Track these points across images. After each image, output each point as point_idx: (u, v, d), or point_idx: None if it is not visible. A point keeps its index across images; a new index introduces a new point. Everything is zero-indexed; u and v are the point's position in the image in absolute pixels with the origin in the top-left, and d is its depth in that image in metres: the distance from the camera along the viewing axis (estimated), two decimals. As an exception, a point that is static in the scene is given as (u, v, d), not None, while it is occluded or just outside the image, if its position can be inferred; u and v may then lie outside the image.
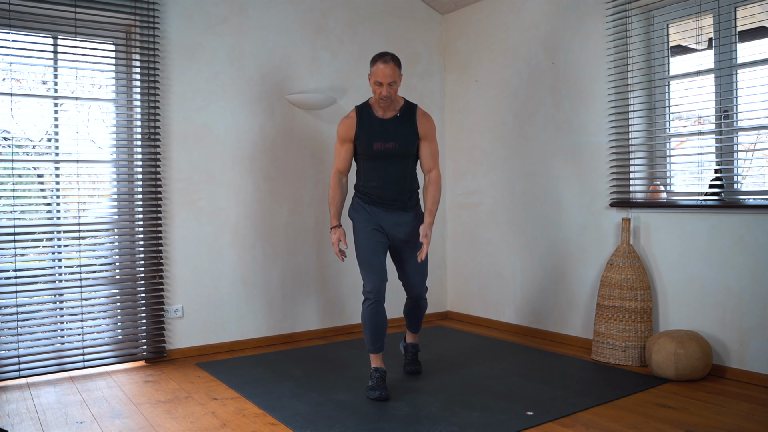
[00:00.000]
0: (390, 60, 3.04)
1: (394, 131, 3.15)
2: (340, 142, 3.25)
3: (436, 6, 5.03)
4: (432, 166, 3.26)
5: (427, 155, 3.25)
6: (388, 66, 3.02)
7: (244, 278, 4.21)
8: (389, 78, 3.02)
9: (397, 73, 3.06)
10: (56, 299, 3.67)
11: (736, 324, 3.32)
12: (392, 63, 3.04)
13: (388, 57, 3.05)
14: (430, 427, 2.70)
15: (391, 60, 3.04)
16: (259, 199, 4.26)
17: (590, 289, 4.02)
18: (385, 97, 3.06)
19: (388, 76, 3.02)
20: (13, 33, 3.52)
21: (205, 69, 4.06)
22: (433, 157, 3.26)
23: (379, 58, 3.05)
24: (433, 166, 3.26)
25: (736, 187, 3.44)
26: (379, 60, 3.04)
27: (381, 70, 3.02)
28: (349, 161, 3.27)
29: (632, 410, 2.88)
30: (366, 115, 3.18)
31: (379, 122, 3.16)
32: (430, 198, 3.25)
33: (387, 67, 3.02)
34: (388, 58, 3.04)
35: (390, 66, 3.02)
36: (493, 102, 4.68)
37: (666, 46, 3.73)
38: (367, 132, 3.16)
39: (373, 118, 3.17)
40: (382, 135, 3.14)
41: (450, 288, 5.15)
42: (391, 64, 3.03)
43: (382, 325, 3.16)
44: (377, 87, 3.06)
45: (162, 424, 2.80)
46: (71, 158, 3.69)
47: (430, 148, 3.24)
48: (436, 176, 3.26)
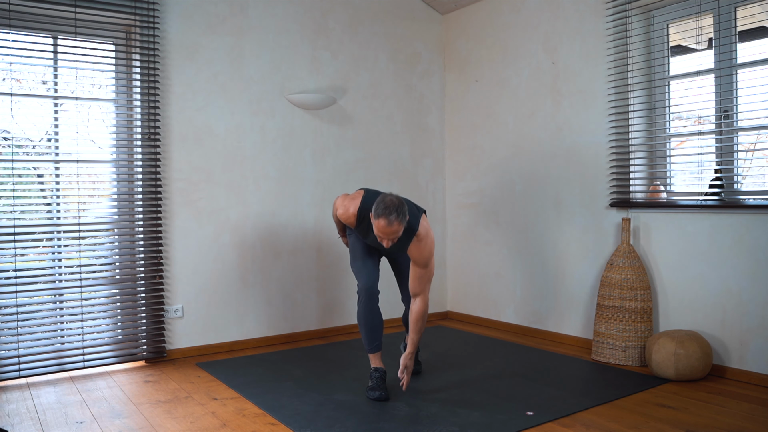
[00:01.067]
0: (395, 221, 2.72)
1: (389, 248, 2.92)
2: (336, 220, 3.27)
3: (436, 6, 5.03)
4: (418, 291, 3.01)
5: (415, 278, 3.00)
6: (392, 226, 2.73)
7: (244, 278, 4.20)
8: (392, 236, 2.77)
9: (401, 229, 2.77)
10: (56, 299, 3.67)
11: (736, 324, 3.32)
12: (397, 223, 2.73)
13: (393, 217, 2.71)
14: (430, 427, 2.70)
15: (396, 220, 2.72)
16: (259, 199, 4.26)
17: (590, 289, 4.02)
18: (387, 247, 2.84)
19: (390, 234, 2.76)
20: (13, 33, 3.52)
21: (205, 69, 4.06)
22: (421, 281, 2.99)
23: (383, 215, 2.72)
24: (419, 291, 3.01)
25: (736, 187, 3.44)
26: (383, 218, 2.72)
27: (384, 228, 2.74)
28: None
29: (632, 410, 2.88)
30: (365, 224, 3.03)
31: (375, 239, 3.02)
32: (413, 328, 3.06)
33: (391, 228, 2.73)
34: (393, 219, 2.71)
35: (394, 226, 2.73)
36: (493, 102, 4.68)
37: (666, 46, 3.73)
38: (363, 234, 3.09)
39: (371, 233, 3.02)
40: (375, 244, 3.07)
41: (450, 288, 5.15)
42: (396, 224, 2.73)
43: (377, 323, 3.15)
44: (378, 235, 2.80)
45: (162, 424, 2.80)
46: (71, 158, 3.69)
47: (418, 273, 2.98)
48: (421, 305, 3.01)
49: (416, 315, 3.04)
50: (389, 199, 2.77)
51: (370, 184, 4.70)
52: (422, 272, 2.99)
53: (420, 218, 2.98)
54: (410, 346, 3.08)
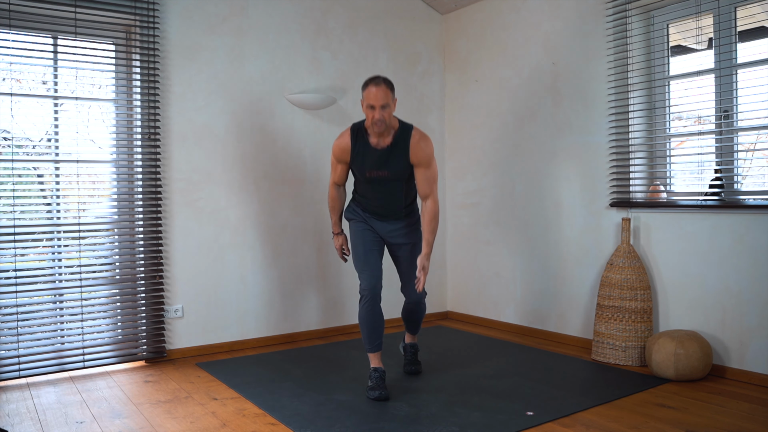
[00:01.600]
0: (382, 83, 2.95)
1: (386, 160, 3.08)
2: (335, 161, 3.23)
3: (436, 6, 5.03)
4: (427, 192, 3.13)
5: (422, 181, 3.12)
6: (380, 89, 2.93)
7: (244, 278, 4.20)
8: (382, 100, 2.92)
9: (390, 96, 2.96)
10: (56, 299, 3.67)
11: (736, 324, 3.32)
12: (384, 86, 2.94)
13: (380, 80, 2.96)
14: (430, 427, 2.70)
15: (383, 83, 2.95)
16: (259, 199, 4.26)
17: (590, 289, 4.02)
18: (379, 121, 2.95)
19: (380, 98, 2.92)
20: (13, 33, 3.52)
21: (205, 69, 4.06)
22: (428, 182, 3.12)
23: (370, 82, 2.97)
24: (428, 193, 3.12)
25: (736, 187, 3.44)
26: (371, 83, 2.96)
27: (373, 93, 2.93)
28: (345, 176, 3.29)
29: (632, 410, 2.88)
30: (361, 141, 3.10)
31: (373, 151, 3.08)
32: (427, 228, 3.13)
33: (379, 90, 2.93)
34: (380, 81, 2.95)
35: (382, 88, 2.93)
36: (493, 102, 4.68)
37: (666, 46, 3.73)
38: (360, 159, 3.12)
39: (368, 147, 3.09)
40: (374, 164, 3.10)
41: (450, 288, 5.15)
42: (383, 86, 2.94)
43: (378, 324, 3.16)
44: (370, 111, 2.96)
45: (162, 424, 2.80)
46: (71, 158, 3.69)
47: (424, 174, 3.11)
48: (432, 205, 3.12)
49: (429, 215, 3.13)
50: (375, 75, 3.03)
51: (370, 184, 4.70)
52: (427, 172, 3.12)
53: (411, 125, 3.15)
54: (426, 247, 3.11)
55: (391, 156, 3.08)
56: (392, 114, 3.03)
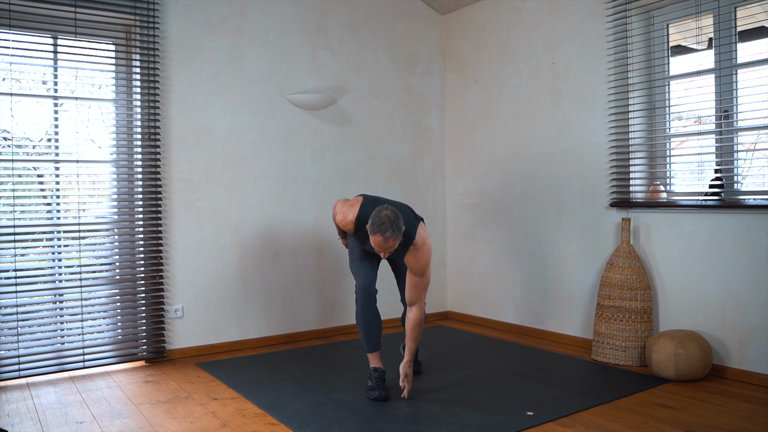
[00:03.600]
0: (390, 237, 2.73)
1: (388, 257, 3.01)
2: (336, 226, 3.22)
3: (436, 6, 5.03)
4: (414, 300, 3.01)
5: (411, 287, 3.00)
6: (388, 243, 2.75)
7: (244, 278, 4.20)
8: (388, 250, 2.79)
9: (396, 243, 2.77)
10: (56, 299, 3.67)
11: (736, 324, 3.32)
12: (392, 239, 2.74)
13: (389, 234, 2.72)
14: (430, 427, 2.70)
15: (392, 237, 2.73)
16: (259, 199, 4.26)
17: (590, 289, 4.02)
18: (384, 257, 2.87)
19: (387, 249, 2.78)
20: (13, 33, 3.52)
21: (205, 69, 4.06)
22: (417, 289, 3.00)
23: (378, 232, 2.73)
24: (415, 300, 3.01)
25: (736, 187, 3.44)
26: (379, 234, 2.73)
27: (380, 243, 2.75)
28: None
29: (632, 410, 2.88)
30: (363, 232, 3.02)
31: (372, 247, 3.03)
32: (410, 336, 3.04)
33: (387, 244, 2.75)
34: (388, 236, 2.72)
35: (390, 242, 2.75)
36: (493, 102, 4.68)
37: (666, 46, 3.73)
38: (361, 242, 3.11)
39: (368, 243, 3.04)
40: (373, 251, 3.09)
41: (450, 288, 5.15)
42: (391, 240, 2.74)
43: (375, 323, 3.15)
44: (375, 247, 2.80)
45: (162, 424, 2.80)
46: (71, 158, 3.69)
47: (415, 281, 2.99)
48: (417, 314, 3.01)
49: (412, 323, 3.04)
50: (384, 214, 2.76)
51: (370, 184, 4.70)
52: (419, 281, 2.99)
53: (417, 227, 2.98)
54: (407, 354, 3.06)
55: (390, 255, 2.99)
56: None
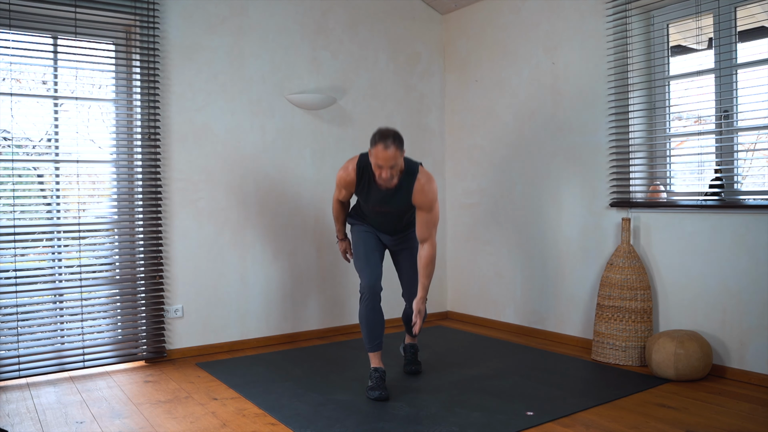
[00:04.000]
0: (392, 144, 2.83)
1: (391, 199, 3.08)
2: (338, 189, 3.22)
3: (436, 6, 5.03)
4: (426, 236, 3.08)
5: (422, 224, 3.07)
6: (390, 151, 2.83)
7: (244, 278, 4.20)
8: (391, 161, 2.85)
9: (399, 155, 2.87)
10: (56, 299, 3.67)
11: (736, 324, 3.32)
12: (393, 147, 2.83)
13: (390, 140, 2.83)
14: (430, 427, 2.70)
15: (393, 144, 2.84)
16: (259, 199, 4.26)
17: (590, 289, 4.02)
18: (386, 180, 2.92)
19: (389, 160, 2.84)
20: (13, 33, 3.52)
21: (205, 69, 4.06)
22: (427, 226, 3.07)
23: (380, 141, 2.85)
24: (427, 237, 3.08)
25: (736, 187, 3.44)
26: (380, 143, 2.84)
27: (382, 155, 2.84)
28: (349, 198, 3.30)
29: (632, 410, 2.88)
30: (366, 177, 3.08)
31: (377, 190, 3.07)
32: (422, 272, 3.10)
33: (388, 152, 2.83)
34: (389, 142, 2.83)
35: (391, 150, 2.83)
36: (493, 102, 4.68)
37: (666, 46, 3.73)
38: (365, 194, 3.13)
39: (372, 185, 3.07)
40: (378, 201, 3.11)
41: (450, 288, 5.15)
42: (393, 148, 2.83)
43: (379, 323, 3.16)
44: (377, 168, 2.90)
45: (162, 424, 2.80)
46: (71, 158, 3.69)
47: (425, 218, 3.06)
48: (429, 250, 3.08)
49: (426, 259, 3.09)
50: (384, 128, 2.91)
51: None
52: (428, 216, 3.07)
53: (418, 165, 3.10)
54: (421, 291, 3.10)
55: (395, 196, 3.07)
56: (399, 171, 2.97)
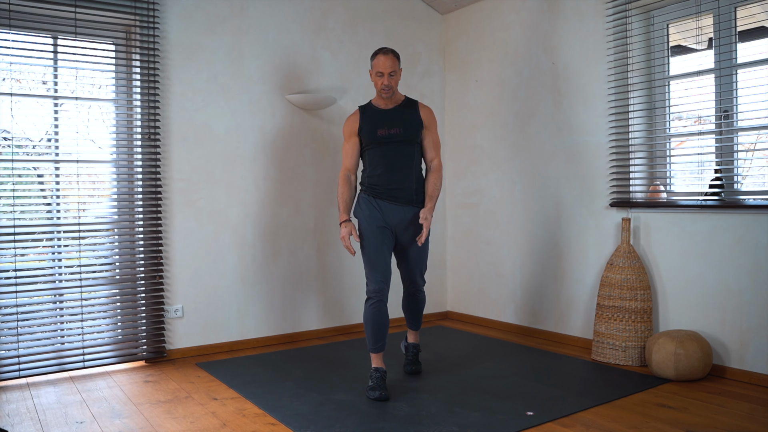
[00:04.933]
0: (389, 52, 3.20)
1: (398, 118, 3.26)
2: (346, 139, 3.34)
3: (436, 6, 5.03)
4: (434, 156, 3.35)
5: (430, 145, 3.34)
6: (388, 57, 3.17)
7: (244, 278, 4.20)
8: (390, 68, 3.16)
9: (397, 64, 3.19)
10: (56, 299, 3.67)
11: (736, 324, 3.32)
12: (392, 54, 3.19)
13: (388, 49, 3.21)
14: (430, 427, 2.70)
15: (391, 52, 3.20)
16: (259, 199, 4.26)
17: (590, 289, 4.02)
18: (387, 87, 3.18)
19: (388, 66, 3.16)
20: (13, 33, 3.52)
21: (205, 69, 4.06)
22: (435, 146, 3.35)
23: (379, 51, 3.21)
24: (435, 156, 3.36)
25: (736, 187, 3.44)
26: (380, 53, 3.20)
27: (381, 61, 3.17)
28: (356, 157, 3.32)
29: (632, 410, 2.88)
30: (369, 109, 3.31)
31: (382, 112, 3.27)
32: (432, 184, 3.31)
33: (387, 58, 3.16)
34: (387, 50, 3.20)
35: (390, 57, 3.17)
36: (493, 102, 4.68)
37: (666, 46, 3.73)
38: (371, 121, 3.26)
39: (376, 110, 3.29)
40: (385, 123, 3.24)
41: (450, 288, 5.15)
42: (391, 55, 3.18)
43: (383, 325, 3.17)
44: (378, 78, 3.19)
45: (162, 424, 2.80)
46: (71, 158, 3.69)
47: (432, 138, 3.34)
48: (437, 164, 3.35)
49: (436, 172, 3.33)
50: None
51: (370, 184, 4.70)
52: (434, 137, 3.36)
53: None
54: (429, 201, 3.24)
55: (402, 115, 3.27)
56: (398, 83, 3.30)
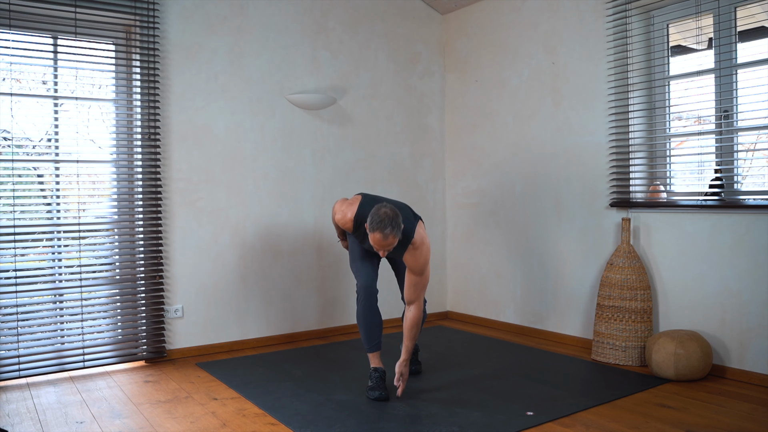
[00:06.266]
0: (390, 234, 2.75)
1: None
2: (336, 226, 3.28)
3: (436, 6, 5.03)
4: (413, 299, 3.01)
5: (410, 286, 3.00)
6: (387, 240, 2.76)
7: (244, 278, 4.20)
8: (388, 247, 2.80)
9: (395, 240, 2.79)
10: (56, 299, 3.67)
11: (736, 324, 3.32)
12: (392, 236, 2.76)
13: (388, 230, 2.74)
14: (430, 427, 2.70)
15: (391, 233, 2.75)
16: (259, 199, 4.26)
17: (590, 289, 4.02)
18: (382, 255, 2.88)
19: (387, 246, 2.79)
20: (13, 33, 3.52)
21: (205, 69, 4.06)
22: (416, 288, 3.00)
23: (378, 229, 2.75)
24: (414, 299, 3.01)
25: (736, 187, 3.44)
26: (378, 232, 2.75)
27: (379, 240, 2.77)
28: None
29: (632, 410, 2.88)
30: (362, 231, 3.03)
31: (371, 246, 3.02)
32: (407, 335, 3.04)
33: (386, 241, 2.77)
34: (387, 232, 2.74)
35: (389, 239, 2.77)
36: (493, 102, 4.68)
37: (666, 46, 3.73)
38: (360, 240, 3.12)
39: (367, 241, 3.03)
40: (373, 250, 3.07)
41: (450, 288, 5.15)
42: (390, 237, 2.76)
43: (376, 322, 3.15)
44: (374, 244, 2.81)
45: (162, 424, 2.80)
46: (71, 158, 3.69)
47: (413, 281, 2.99)
48: (416, 312, 3.02)
49: (410, 322, 3.04)
50: (383, 212, 2.77)
51: (370, 184, 4.70)
52: (417, 280, 3.00)
53: (416, 226, 2.99)
54: (404, 353, 3.06)
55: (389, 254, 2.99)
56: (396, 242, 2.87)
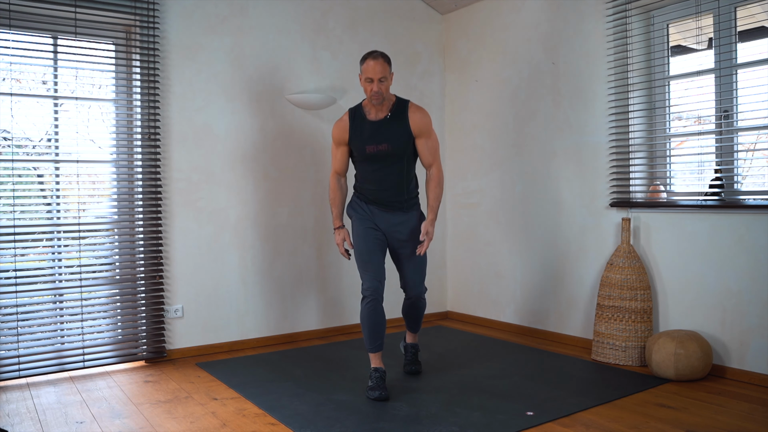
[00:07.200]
0: (379, 56, 3.04)
1: (386, 132, 3.12)
2: (335, 145, 3.27)
3: (436, 6, 5.03)
4: (431, 161, 3.23)
5: (425, 151, 3.21)
6: (378, 62, 3.02)
7: (244, 278, 4.20)
8: (379, 74, 3.01)
9: (387, 69, 3.05)
10: (56, 299, 3.67)
11: (736, 324, 3.32)
12: (381, 59, 3.03)
13: (378, 53, 3.06)
14: (430, 427, 2.70)
15: (381, 56, 3.04)
16: (259, 199, 4.26)
17: (590, 289, 4.02)
18: (376, 94, 3.04)
19: (378, 72, 3.01)
20: (13, 33, 3.52)
21: (205, 69, 4.06)
22: (431, 151, 3.22)
23: (368, 56, 3.05)
24: (432, 161, 3.23)
25: (736, 187, 3.44)
26: (369, 57, 3.05)
27: (371, 66, 3.02)
28: (345, 163, 3.30)
29: (632, 410, 2.88)
30: (358, 117, 3.17)
31: (371, 124, 3.14)
32: (431, 194, 3.24)
33: (377, 63, 3.01)
34: (377, 55, 3.05)
35: (380, 62, 3.02)
36: (493, 102, 4.68)
37: (666, 46, 3.73)
38: (360, 135, 3.15)
39: (365, 121, 3.15)
40: (374, 137, 3.13)
41: (450, 288, 5.15)
42: (381, 60, 3.03)
43: (380, 324, 3.16)
44: (368, 84, 3.05)
45: (162, 424, 2.80)
46: (71, 158, 3.69)
47: (426, 144, 3.20)
48: (436, 172, 3.24)
49: (434, 181, 3.25)
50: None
51: (370, 184, 4.70)
52: (428, 142, 3.21)
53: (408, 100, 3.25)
54: (430, 213, 3.20)
55: (390, 128, 3.13)
56: (389, 88, 3.12)
